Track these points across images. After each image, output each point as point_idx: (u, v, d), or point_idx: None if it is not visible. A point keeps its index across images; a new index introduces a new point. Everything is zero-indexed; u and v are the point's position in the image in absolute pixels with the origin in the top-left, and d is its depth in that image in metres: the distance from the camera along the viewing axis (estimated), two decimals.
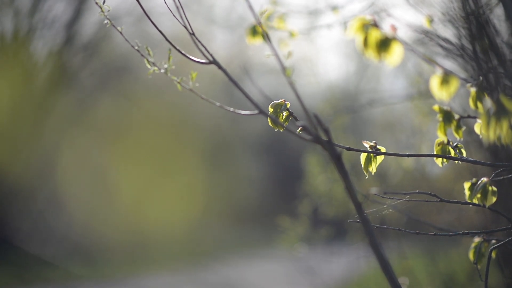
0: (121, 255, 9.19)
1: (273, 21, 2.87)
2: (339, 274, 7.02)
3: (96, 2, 1.67)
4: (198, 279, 7.89)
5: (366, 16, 1.41)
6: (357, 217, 1.40)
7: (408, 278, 4.43)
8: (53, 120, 9.30)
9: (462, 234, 1.89)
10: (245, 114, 1.67)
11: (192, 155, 10.54)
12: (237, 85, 1.57)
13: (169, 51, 1.67)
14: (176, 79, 1.69)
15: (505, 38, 2.12)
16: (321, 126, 1.39)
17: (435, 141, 1.80)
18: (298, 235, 5.22)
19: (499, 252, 1.97)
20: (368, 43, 1.40)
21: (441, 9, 2.48)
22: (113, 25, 1.67)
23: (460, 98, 3.05)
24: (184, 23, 1.63)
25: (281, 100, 1.75)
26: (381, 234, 4.77)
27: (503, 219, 2.00)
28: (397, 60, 1.41)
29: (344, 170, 1.37)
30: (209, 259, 9.81)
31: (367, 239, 1.36)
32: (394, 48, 1.40)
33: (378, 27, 1.40)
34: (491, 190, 1.76)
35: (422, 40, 2.72)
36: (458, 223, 4.21)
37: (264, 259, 9.87)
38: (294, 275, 7.17)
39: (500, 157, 2.62)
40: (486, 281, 1.82)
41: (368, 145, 1.75)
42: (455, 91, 1.48)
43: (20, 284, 7.56)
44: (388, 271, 1.34)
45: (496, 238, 1.92)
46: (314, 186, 5.27)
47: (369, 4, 2.88)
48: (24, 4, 8.79)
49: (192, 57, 1.67)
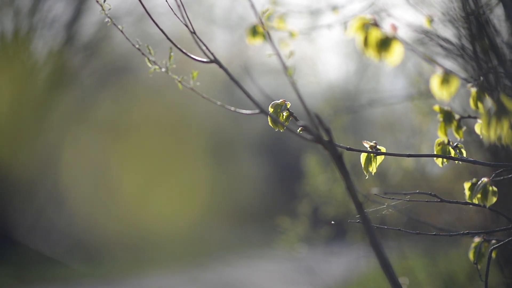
0: (122, 253, 9.19)
1: (273, 21, 2.87)
2: (339, 274, 7.01)
3: (97, 1, 1.67)
4: (198, 278, 7.89)
5: (366, 16, 1.41)
6: (358, 217, 1.40)
7: (408, 278, 4.43)
8: (53, 119, 9.30)
9: (462, 234, 1.89)
10: (246, 113, 1.67)
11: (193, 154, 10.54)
12: (238, 84, 1.57)
13: (170, 50, 1.67)
14: (177, 78, 1.70)
15: (505, 38, 2.12)
16: (322, 126, 1.39)
17: (435, 141, 1.80)
18: (298, 235, 5.22)
19: (499, 252, 1.97)
20: (368, 43, 1.40)
21: (441, 9, 2.48)
22: (114, 24, 1.67)
23: (460, 98, 3.05)
24: (185, 22, 1.63)
25: (281, 100, 1.75)
26: (381, 234, 4.77)
27: (503, 219, 2.00)
28: (397, 60, 1.41)
29: (345, 170, 1.37)
30: (209, 259, 9.82)
31: (368, 239, 1.36)
32: (394, 47, 1.40)
33: (378, 27, 1.40)
34: (491, 190, 1.76)
35: (422, 40, 2.72)
36: (458, 223, 4.21)
37: (264, 259, 9.87)
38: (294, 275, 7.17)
39: (500, 157, 2.62)
40: (486, 281, 1.82)
41: (368, 145, 1.75)
42: (456, 91, 1.48)
43: (21, 282, 7.57)
44: (388, 271, 1.34)
45: (496, 238, 1.92)
46: (314, 186, 5.27)
47: (369, 4, 2.88)
48: (24, 4, 8.79)
49: (193, 56, 1.67)
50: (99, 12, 1.68)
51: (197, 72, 1.68)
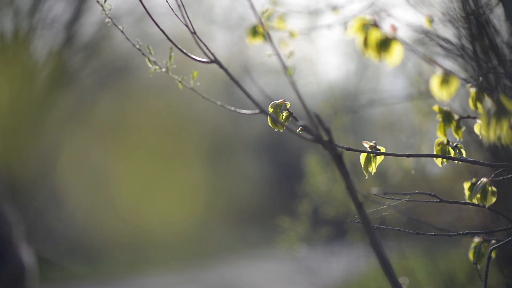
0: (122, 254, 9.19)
1: (273, 21, 2.87)
2: (339, 274, 7.01)
3: (97, 1, 1.67)
4: (198, 279, 7.90)
5: (366, 16, 1.41)
6: (358, 217, 1.40)
7: (408, 278, 4.43)
8: (53, 120, 9.30)
9: (462, 234, 1.89)
10: (246, 113, 1.67)
11: (193, 154, 10.54)
12: (238, 84, 1.57)
13: (171, 50, 1.68)
14: (178, 78, 1.70)
15: (505, 38, 2.12)
16: (322, 126, 1.39)
17: (435, 141, 1.80)
18: (298, 235, 5.22)
19: (499, 252, 1.97)
20: (368, 43, 1.40)
21: (441, 9, 2.48)
22: (114, 24, 1.67)
23: (460, 98, 3.05)
24: (186, 22, 1.63)
25: (281, 100, 1.75)
26: (381, 234, 4.77)
27: (503, 219, 2.00)
28: (397, 60, 1.41)
29: (345, 170, 1.37)
30: (209, 259, 9.81)
31: (368, 239, 1.36)
32: (394, 48, 1.40)
33: (378, 27, 1.40)
34: (491, 190, 1.76)
35: (422, 40, 2.72)
36: (458, 223, 4.21)
37: (264, 259, 9.87)
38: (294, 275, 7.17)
39: (500, 157, 2.62)
40: (486, 281, 1.82)
41: (368, 145, 1.75)
42: (455, 91, 1.48)
43: None
44: (388, 270, 1.34)
45: (496, 238, 1.92)
46: (314, 186, 5.27)
47: (369, 4, 2.88)
48: (24, 4, 8.79)
49: (193, 56, 1.68)
50: (100, 12, 1.68)
51: (198, 71, 1.68)
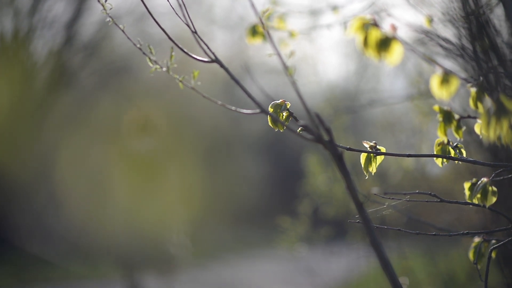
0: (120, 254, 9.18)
1: (273, 21, 2.87)
2: (339, 274, 7.01)
3: (98, 1, 1.67)
4: (198, 279, 7.90)
5: (366, 16, 1.41)
6: (358, 217, 1.40)
7: (408, 278, 4.43)
8: (52, 120, 9.30)
9: (462, 234, 1.90)
10: (246, 113, 1.67)
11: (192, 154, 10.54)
12: (238, 84, 1.57)
13: (171, 49, 1.68)
14: (178, 78, 1.70)
15: (505, 38, 2.12)
16: (323, 126, 1.39)
17: (435, 141, 1.80)
18: (298, 235, 5.23)
19: (499, 252, 1.97)
20: (368, 43, 1.40)
21: (441, 9, 2.48)
22: (115, 23, 1.68)
23: (460, 98, 3.05)
24: (187, 21, 1.64)
25: (281, 100, 1.76)
26: (381, 234, 4.77)
27: (503, 219, 2.00)
28: (397, 60, 1.41)
29: (346, 169, 1.38)
30: (209, 259, 9.81)
31: (368, 239, 1.36)
32: (394, 47, 1.40)
33: (378, 27, 1.40)
34: (491, 190, 1.76)
35: (422, 40, 2.72)
36: (458, 223, 4.21)
37: (264, 259, 9.87)
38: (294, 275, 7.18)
39: (500, 157, 2.62)
40: (486, 281, 1.82)
41: (368, 145, 1.75)
42: (455, 91, 1.48)
43: (19, 284, 7.57)
44: (389, 270, 1.34)
45: (496, 238, 1.92)
46: (314, 186, 5.27)
47: (369, 4, 2.88)
48: (24, 4, 8.79)
49: (194, 55, 1.68)
50: (100, 12, 1.69)
51: (198, 71, 1.68)
